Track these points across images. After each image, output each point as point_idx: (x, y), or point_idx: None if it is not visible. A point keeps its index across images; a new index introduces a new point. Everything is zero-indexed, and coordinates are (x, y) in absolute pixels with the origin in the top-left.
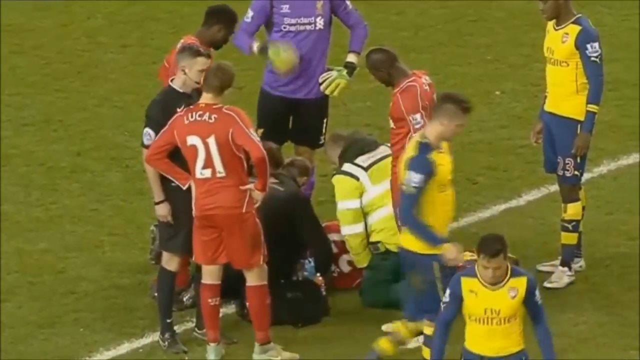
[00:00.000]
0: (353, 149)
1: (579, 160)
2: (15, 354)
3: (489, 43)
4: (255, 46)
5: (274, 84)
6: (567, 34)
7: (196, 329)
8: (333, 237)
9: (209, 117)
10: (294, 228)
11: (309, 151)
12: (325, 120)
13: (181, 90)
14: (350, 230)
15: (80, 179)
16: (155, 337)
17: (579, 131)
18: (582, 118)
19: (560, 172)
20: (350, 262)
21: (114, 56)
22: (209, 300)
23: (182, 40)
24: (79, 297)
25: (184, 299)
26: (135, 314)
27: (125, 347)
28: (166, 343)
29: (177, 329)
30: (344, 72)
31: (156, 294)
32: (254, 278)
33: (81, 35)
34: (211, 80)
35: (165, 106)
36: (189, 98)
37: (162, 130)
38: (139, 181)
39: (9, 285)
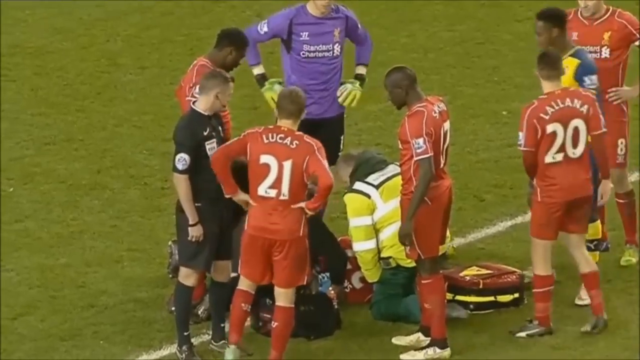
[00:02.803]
0: (364, 168)
1: None
2: None
3: (495, 65)
4: (256, 71)
5: None
6: (566, 66)
7: (212, 342)
8: (347, 253)
9: (291, 142)
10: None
11: None
12: (342, 137)
13: (205, 113)
14: (362, 246)
15: (100, 196)
16: (172, 349)
17: None
18: None
19: None
20: (362, 279)
21: (133, 77)
22: (242, 305)
23: (194, 62)
24: (99, 311)
25: (199, 312)
26: (154, 326)
27: (143, 359)
28: (183, 355)
29: (194, 341)
30: (357, 84)
31: (173, 308)
32: (286, 299)
33: (101, 58)
34: (288, 106)
35: (193, 130)
36: (210, 120)
37: (235, 139)
38: (157, 198)
39: (31, 299)
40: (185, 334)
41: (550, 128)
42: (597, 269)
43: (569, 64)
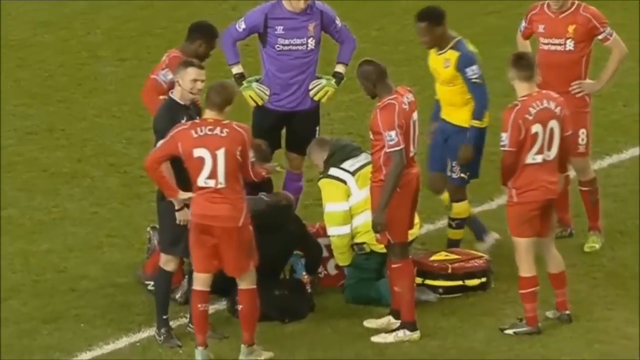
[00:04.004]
0: (339, 154)
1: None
2: (20, 348)
3: None
4: (235, 70)
5: (269, 99)
6: (447, 59)
7: (190, 324)
8: (324, 241)
9: (221, 131)
10: (280, 233)
11: (299, 158)
12: (317, 128)
13: (181, 102)
14: (337, 231)
15: (81, 184)
16: (151, 332)
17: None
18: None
19: (449, 174)
20: (337, 266)
21: (112, 69)
22: (199, 306)
23: (166, 54)
24: (80, 295)
25: (177, 297)
26: (133, 310)
27: (123, 342)
28: (162, 338)
29: (172, 324)
30: (332, 81)
31: (152, 288)
32: (247, 282)
33: (81, 50)
34: (213, 98)
35: (171, 118)
36: (188, 109)
37: (161, 142)
38: (136, 186)
39: (14, 284)
40: (164, 317)
41: (533, 129)
42: (564, 269)
43: (450, 57)
